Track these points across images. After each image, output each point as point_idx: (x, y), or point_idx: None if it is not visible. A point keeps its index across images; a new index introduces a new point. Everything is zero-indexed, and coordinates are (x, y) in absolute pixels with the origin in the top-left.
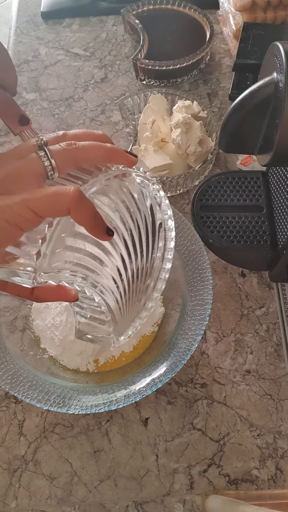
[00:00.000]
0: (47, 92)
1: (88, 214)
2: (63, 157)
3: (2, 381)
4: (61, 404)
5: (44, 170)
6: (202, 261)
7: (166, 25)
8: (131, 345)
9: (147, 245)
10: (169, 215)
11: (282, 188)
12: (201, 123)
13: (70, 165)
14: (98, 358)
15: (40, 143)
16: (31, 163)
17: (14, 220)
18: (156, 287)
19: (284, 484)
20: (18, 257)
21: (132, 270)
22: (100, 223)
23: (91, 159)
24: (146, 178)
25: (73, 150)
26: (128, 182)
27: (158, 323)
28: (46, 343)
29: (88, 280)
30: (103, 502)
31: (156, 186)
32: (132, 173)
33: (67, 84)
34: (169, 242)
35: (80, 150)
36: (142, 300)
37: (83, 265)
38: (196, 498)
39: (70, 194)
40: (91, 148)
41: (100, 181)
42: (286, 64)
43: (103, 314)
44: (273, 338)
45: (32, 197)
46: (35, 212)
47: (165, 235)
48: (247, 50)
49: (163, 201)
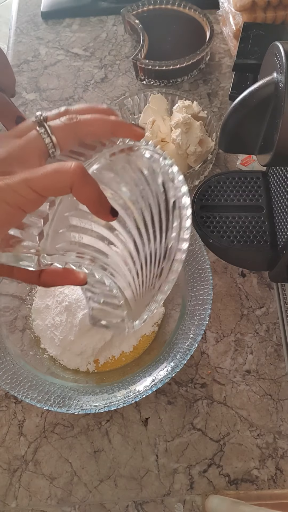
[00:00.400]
0: (47, 92)
1: (91, 192)
2: (64, 132)
3: (2, 381)
4: (61, 404)
5: (45, 147)
6: (202, 261)
7: (166, 25)
8: (131, 345)
9: (160, 225)
10: (184, 192)
11: (282, 188)
12: (201, 123)
13: (72, 140)
14: (98, 358)
15: (40, 119)
16: (31, 141)
17: (15, 201)
18: (172, 268)
19: (284, 484)
20: (22, 240)
21: (145, 252)
22: (104, 203)
23: (94, 133)
24: (157, 152)
25: (74, 124)
26: (135, 157)
27: (158, 323)
28: (46, 343)
29: (96, 262)
30: (103, 502)
31: (167, 161)
32: (140, 147)
33: (67, 84)
34: (185, 221)
35: (82, 124)
36: (156, 284)
37: (90, 246)
38: (196, 498)
39: (72, 170)
40: (93, 121)
41: (105, 156)
42: (286, 64)
43: (116, 298)
44: (273, 338)
45: (32, 176)
46: (36, 192)
47: (180, 213)
48: (247, 50)
49: (177, 176)
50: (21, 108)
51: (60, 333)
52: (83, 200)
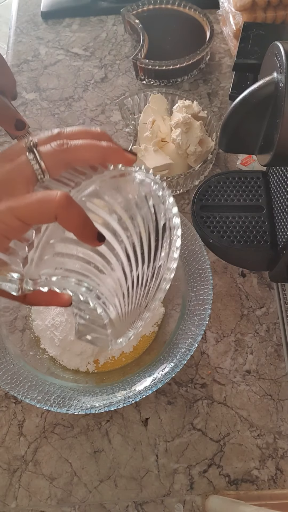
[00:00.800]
0: (47, 92)
1: (76, 220)
2: (53, 159)
3: (2, 381)
4: (61, 404)
5: (33, 173)
6: (202, 261)
7: (166, 25)
8: (131, 345)
9: (149, 248)
10: (174, 213)
11: (282, 188)
12: (201, 123)
13: (62, 167)
14: (98, 358)
15: (29, 144)
16: (20, 167)
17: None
18: (160, 287)
19: (284, 484)
20: (7, 264)
21: (133, 275)
22: (90, 229)
23: (84, 159)
24: (148, 176)
25: (65, 151)
26: (126, 182)
27: (158, 323)
28: (46, 343)
29: (81, 285)
30: (103, 502)
31: (158, 184)
32: (131, 172)
33: (67, 84)
34: (175, 241)
35: (72, 151)
36: (142, 303)
37: (75, 272)
38: (196, 499)
39: (57, 200)
40: (84, 147)
41: (95, 182)
42: (286, 64)
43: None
44: (273, 338)
45: (17, 204)
46: (21, 220)
47: (171, 234)
48: (247, 50)
49: (168, 199)
50: (21, 108)
51: (60, 333)
52: (69, 227)
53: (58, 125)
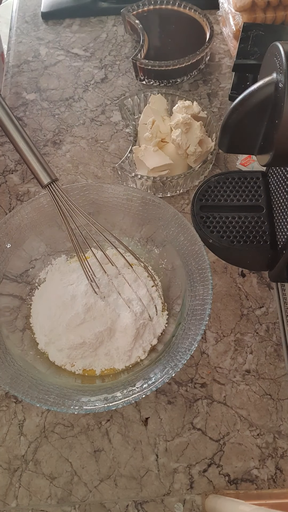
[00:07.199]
0: (47, 93)
1: None
2: None
3: (2, 381)
4: (61, 404)
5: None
6: (202, 261)
7: (166, 25)
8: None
9: None
10: None
11: (282, 188)
12: (201, 123)
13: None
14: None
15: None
16: None
17: None
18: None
19: (284, 483)
20: None
21: None
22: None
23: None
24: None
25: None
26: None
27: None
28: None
29: None
30: (103, 502)
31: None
32: None
33: (67, 84)
34: None
35: None
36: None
37: None
38: (196, 498)
39: None
40: None
41: None
42: (286, 64)
43: None
44: (273, 338)
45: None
46: None
47: None
48: (247, 50)
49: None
50: (21, 108)
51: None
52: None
53: (58, 125)
